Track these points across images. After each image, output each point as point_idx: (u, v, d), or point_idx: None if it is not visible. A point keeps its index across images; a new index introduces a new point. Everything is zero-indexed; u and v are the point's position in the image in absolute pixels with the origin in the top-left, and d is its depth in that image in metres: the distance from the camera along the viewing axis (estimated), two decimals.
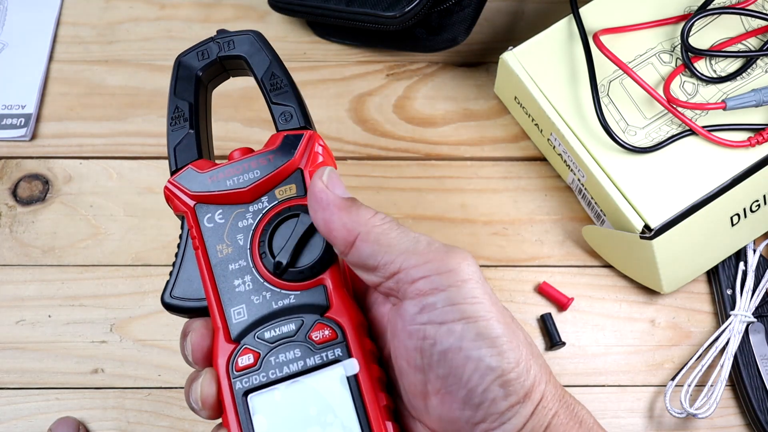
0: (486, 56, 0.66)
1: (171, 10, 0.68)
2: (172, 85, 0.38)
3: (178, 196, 0.36)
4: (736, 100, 0.54)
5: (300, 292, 0.34)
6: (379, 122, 0.64)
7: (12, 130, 0.63)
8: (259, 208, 0.35)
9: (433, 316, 0.31)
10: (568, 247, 0.60)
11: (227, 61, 0.38)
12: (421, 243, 0.32)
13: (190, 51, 0.38)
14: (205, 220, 0.35)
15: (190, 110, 0.37)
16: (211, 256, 0.34)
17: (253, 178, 0.35)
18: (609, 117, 0.56)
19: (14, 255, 0.60)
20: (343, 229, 0.32)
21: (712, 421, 0.55)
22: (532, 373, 0.30)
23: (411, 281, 0.31)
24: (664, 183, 0.54)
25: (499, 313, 0.31)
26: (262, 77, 0.37)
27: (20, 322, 0.58)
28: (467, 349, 0.30)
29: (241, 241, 0.35)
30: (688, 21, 0.55)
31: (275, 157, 0.35)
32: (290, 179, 0.35)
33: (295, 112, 0.37)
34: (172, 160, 0.37)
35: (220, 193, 0.35)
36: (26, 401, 0.56)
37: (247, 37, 0.38)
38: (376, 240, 0.32)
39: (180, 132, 0.37)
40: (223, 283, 0.34)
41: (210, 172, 0.36)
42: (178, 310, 0.35)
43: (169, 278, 0.35)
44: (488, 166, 0.62)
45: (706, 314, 0.58)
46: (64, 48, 0.67)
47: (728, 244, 0.57)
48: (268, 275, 0.34)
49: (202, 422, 0.55)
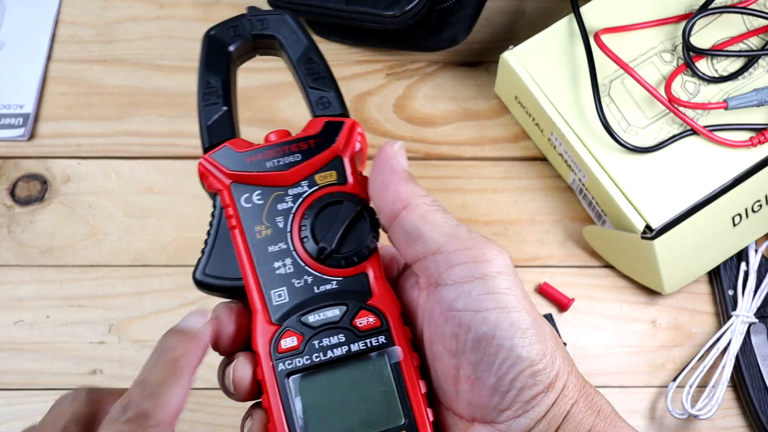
0: (486, 56, 0.66)
1: (170, 9, 0.68)
2: (203, 60, 0.37)
3: (213, 173, 0.35)
4: (738, 100, 0.54)
5: (342, 278, 0.34)
6: (379, 122, 0.64)
7: (10, 130, 0.63)
8: (299, 192, 0.35)
9: (469, 303, 0.31)
10: (568, 248, 0.60)
11: (260, 40, 0.38)
12: (463, 229, 0.33)
13: (220, 26, 0.38)
14: (242, 200, 0.35)
15: (224, 86, 0.36)
16: (248, 237, 0.34)
17: (293, 162, 0.35)
18: (610, 117, 0.56)
19: (12, 255, 0.60)
20: (396, 195, 0.33)
21: (714, 422, 0.55)
22: (557, 364, 0.32)
23: (449, 266, 0.32)
24: (665, 183, 0.54)
25: (529, 306, 0.32)
26: (298, 60, 0.37)
27: (18, 323, 0.58)
28: (500, 338, 0.31)
29: (281, 224, 0.34)
30: (690, 20, 0.55)
31: (316, 143, 0.35)
32: (330, 165, 0.35)
33: (334, 99, 0.37)
34: (205, 137, 0.36)
35: (259, 173, 0.35)
36: (24, 402, 0.56)
37: (281, 17, 0.38)
38: (422, 215, 0.33)
39: (214, 108, 0.36)
40: (263, 264, 0.34)
41: (248, 152, 0.35)
42: (211, 288, 0.35)
43: (201, 255, 0.35)
44: (488, 166, 0.62)
45: (707, 315, 0.58)
46: (62, 47, 0.67)
47: (730, 244, 0.57)
48: (310, 260, 0.34)
49: (201, 424, 0.55)
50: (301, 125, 0.66)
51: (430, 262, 0.33)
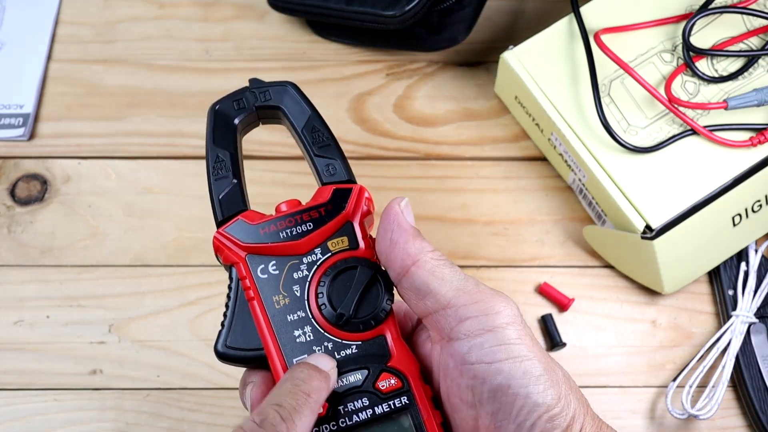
0: (486, 56, 0.66)
1: (170, 9, 0.68)
2: (210, 134, 0.38)
3: (228, 246, 0.36)
4: (738, 100, 0.54)
5: (361, 342, 0.35)
6: (378, 122, 0.64)
7: (10, 130, 0.63)
8: (313, 259, 0.36)
9: (482, 356, 0.33)
10: (568, 248, 0.60)
11: (263, 110, 0.39)
12: (470, 283, 0.34)
13: (225, 100, 0.39)
14: (258, 271, 0.36)
15: (232, 160, 0.38)
16: (267, 307, 0.35)
17: (306, 231, 0.36)
18: (610, 116, 0.56)
19: (12, 255, 0.60)
20: (404, 252, 0.34)
21: (714, 422, 0.55)
22: (572, 407, 0.33)
23: (460, 320, 0.33)
24: (665, 183, 0.54)
25: (540, 353, 0.33)
26: (302, 129, 0.38)
27: (18, 323, 0.58)
28: (515, 386, 0.32)
29: (297, 293, 0.36)
30: (690, 20, 0.55)
31: (326, 210, 0.36)
32: (341, 231, 0.36)
33: (340, 165, 0.38)
34: (218, 210, 0.37)
35: (274, 244, 0.36)
36: (24, 402, 0.56)
37: (283, 88, 0.39)
38: (431, 270, 0.34)
39: (224, 182, 0.37)
40: (283, 334, 0.35)
41: (261, 224, 0.36)
42: (234, 360, 0.36)
43: (222, 328, 0.36)
44: (488, 166, 0.62)
45: (707, 315, 0.58)
46: (62, 47, 0.67)
47: (730, 244, 0.57)
48: (329, 326, 0.35)
49: (201, 424, 0.55)
50: None
51: (441, 316, 0.34)
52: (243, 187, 0.38)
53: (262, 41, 0.67)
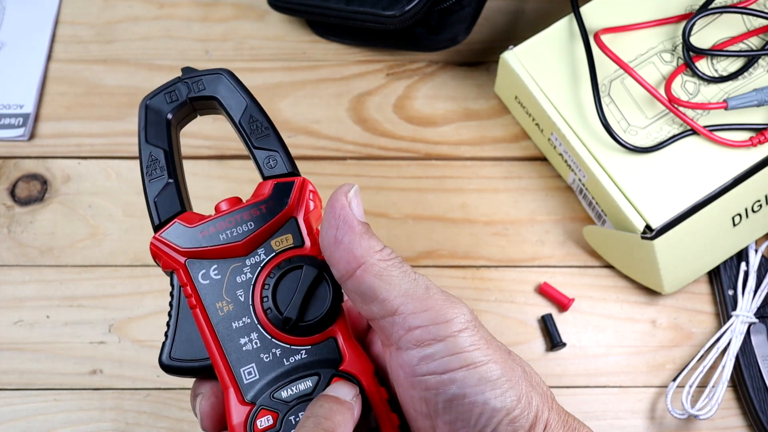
0: (486, 56, 0.66)
1: (170, 9, 0.68)
2: (142, 131, 0.36)
3: (166, 252, 0.34)
4: (738, 100, 0.54)
5: (310, 346, 0.33)
6: (378, 122, 0.64)
7: (10, 130, 0.63)
8: (256, 261, 0.34)
9: (433, 367, 0.31)
10: (568, 248, 0.60)
11: (198, 101, 0.37)
12: (420, 287, 0.32)
13: (156, 93, 0.36)
14: (199, 277, 0.34)
15: (166, 158, 0.35)
16: (210, 315, 0.33)
17: (247, 231, 0.34)
18: (610, 117, 0.56)
19: (12, 255, 0.60)
20: (349, 253, 0.32)
21: (714, 422, 0.55)
22: (534, 405, 0.31)
23: (408, 329, 0.31)
24: (665, 183, 0.54)
25: (496, 354, 0.31)
26: (240, 120, 0.36)
27: (18, 323, 0.58)
28: (471, 394, 0.31)
29: (242, 297, 0.34)
30: (690, 20, 0.55)
31: (267, 207, 0.34)
32: (285, 229, 0.34)
33: (281, 156, 0.35)
34: (154, 214, 0.35)
35: (213, 247, 0.34)
36: (24, 402, 0.56)
37: (218, 76, 0.36)
38: (378, 274, 0.32)
39: (158, 182, 0.35)
40: (228, 342, 0.33)
41: (200, 226, 0.34)
42: (180, 372, 0.34)
43: (165, 339, 0.34)
44: (488, 166, 0.62)
45: (707, 315, 0.58)
46: (62, 47, 0.67)
47: (730, 244, 0.57)
48: (276, 331, 0.33)
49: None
50: (300, 125, 0.67)
51: (388, 323, 0.32)
52: (180, 187, 0.36)
53: (262, 41, 0.67)
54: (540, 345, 0.57)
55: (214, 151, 0.62)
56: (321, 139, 0.63)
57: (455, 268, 0.59)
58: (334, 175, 0.62)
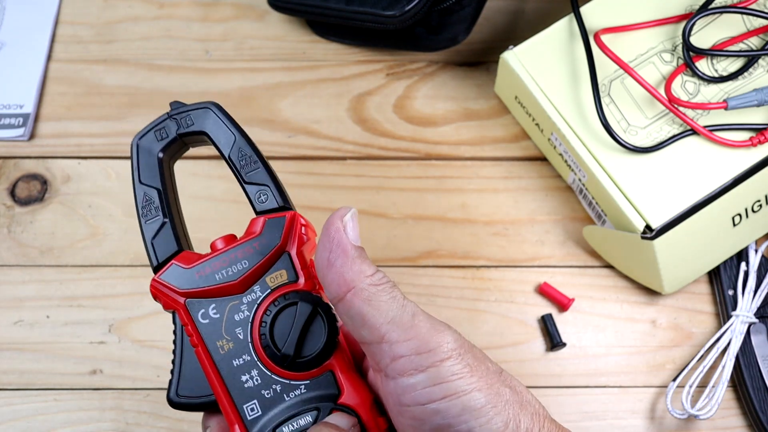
0: (486, 55, 0.66)
1: (170, 9, 0.68)
2: (135, 171, 0.37)
3: (167, 294, 0.35)
4: (738, 100, 0.54)
5: (309, 380, 0.34)
6: (378, 122, 0.64)
7: (10, 130, 0.63)
8: (252, 298, 0.35)
9: (416, 397, 0.31)
10: (568, 248, 0.60)
11: (187, 137, 0.37)
12: (407, 314, 0.32)
13: (146, 131, 0.37)
14: (199, 316, 0.35)
15: (160, 197, 0.36)
16: (212, 353, 0.34)
17: (242, 270, 0.35)
18: (610, 117, 0.56)
19: (12, 255, 0.60)
20: (340, 277, 0.32)
21: (714, 422, 0.55)
22: (523, 428, 0.31)
23: (393, 358, 0.32)
24: (665, 183, 0.54)
25: (481, 380, 0.31)
26: (229, 154, 0.37)
27: (18, 323, 0.58)
28: (455, 424, 0.31)
29: (240, 335, 0.34)
30: (690, 20, 0.55)
31: (260, 245, 0.35)
32: (279, 264, 0.35)
33: (271, 190, 0.36)
34: (152, 255, 0.36)
35: (210, 287, 0.35)
36: (24, 402, 0.56)
37: (205, 110, 0.37)
38: (367, 299, 0.32)
39: (155, 223, 0.36)
40: (231, 380, 0.34)
41: (196, 267, 0.35)
42: (188, 408, 0.35)
43: (172, 376, 0.35)
44: (488, 166, 0.62)
45: (707, 315, 0.58)
46: (62, 47, 0.67)
47: (730, 244, 0.57)
48: (275, 367, 0.34)
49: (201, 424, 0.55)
50: (300, 125, 0.66)
51: (376, 350, 0.32)
52: (176, 225, 0.36)
53: (262, 41, 0.67)
54: (540, 345, 0.57)
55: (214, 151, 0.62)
56: (321, 139, 0.63)
57: (455, 268, 0.59)
58: (334, 175, 0.62)
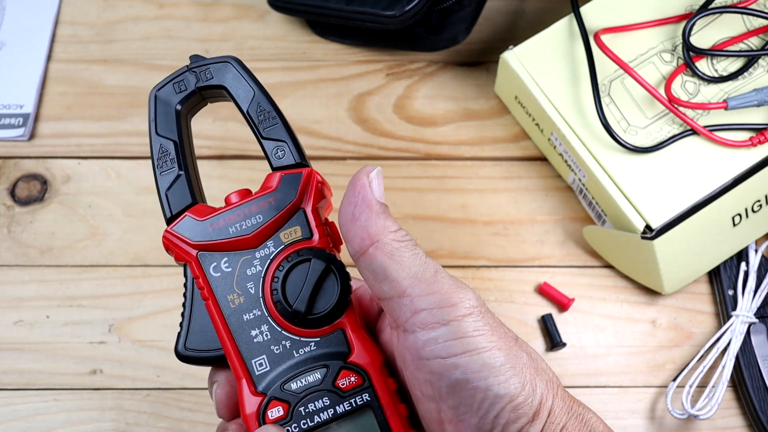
0: (486, 55, 0.66)
1: (170, 9, 0.68)
2: (152, 123, 0.36)
3: (179, 246, 0.35)
4: (738, 100, 0.54)
5: (319, 338, 0.34)
6: (379, 122, 0.64)
7: (10, 130, 0.63)
8: (265, 253, 0.34)
9: (437, 351, 0.31)
10: (568, 248, 0.60)
11: (206, 90, 0.37)
12: (429, 270, 0.32)
13: (165, 83, 0.36)
14: (211, 269, 0.34)
15: (176, 149, 0.36)
16: (222, 307, 0.34)
17: (256, 224, 0.34)
18: (610, 116, 0.56)
19: (12, 255, 0.60)
20: (364, 231, 0.32)
21: (714, 422, 0.55)
22: (539, 392, 0.31)
23: (414, 311, 0.32)
24: (665, 183, 0.54)
25: (501, 341, 0.31)
26: (248, 109, 0.36)
27: (18, 323, 0.58)
28: (474, 380, 0.31)
29: (252, 290, 0.34)
30: (690, 20, 0.55)
31: (276, 200, 0.35)
32: (293, 221, 0.35)
33: (289, 147, 0.36)
34: (166, 206, 0.35)
35: (223, 241, 0.34)
36: (24, 402, 0.56)
37: (225, 64, 0.36)
38: (390, 253, 0.32)
39: (169, 174, 0.36)
40: (240, 334, 0.34)
41: (210, 219, 0.35)
42: (195, 361, 0.35)
43: (180, 329, 0.35)
44: (488, 166, 0.62)
45: (707, 315, 0.58)
46: (62, 47, 0.67)
47: (730, 244, 0.57)
48: (286, 323, 0.34)
49: (201, 424, 0.55)
50: (300, 125, 0.66)
51: (396, 304, 0.32)
52: (191, 178, 0.36)
53: (262, 41, 0.67)
54: (540, 345, 0.57)
55: (214, 151, 0.62)
56: (321, 139, 0.63)
57: (455, 268, 0.59)
58: (334, 175, 0.62)
